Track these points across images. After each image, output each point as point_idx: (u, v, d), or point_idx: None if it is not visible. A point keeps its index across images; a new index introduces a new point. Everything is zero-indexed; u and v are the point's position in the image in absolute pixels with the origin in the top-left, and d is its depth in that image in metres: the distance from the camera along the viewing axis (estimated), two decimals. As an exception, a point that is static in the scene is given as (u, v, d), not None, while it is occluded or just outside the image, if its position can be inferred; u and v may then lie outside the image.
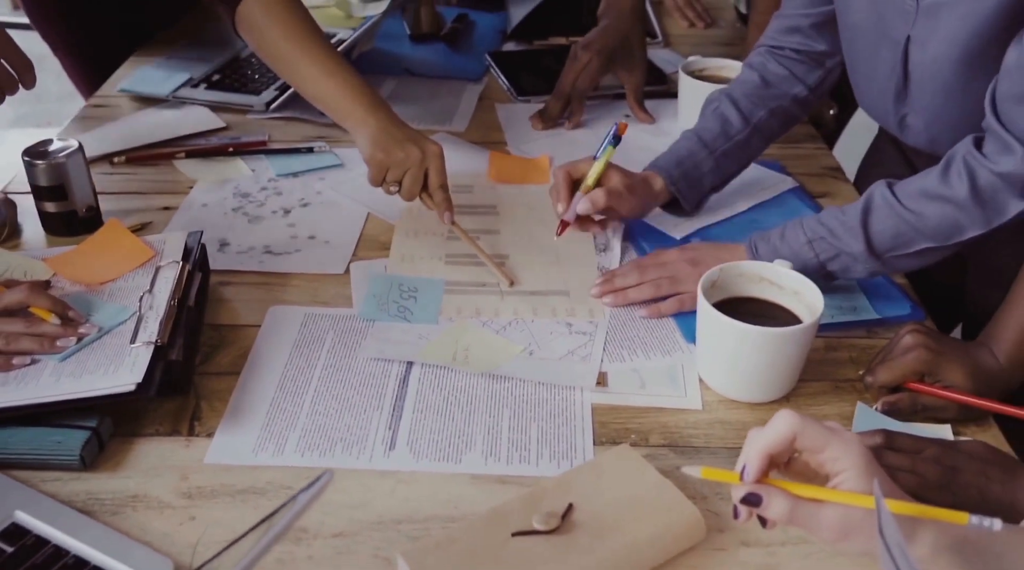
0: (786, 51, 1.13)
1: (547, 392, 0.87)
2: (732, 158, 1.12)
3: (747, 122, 1.11)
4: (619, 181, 1.06)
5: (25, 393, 0.80)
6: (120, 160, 1.25)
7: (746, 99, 1.12)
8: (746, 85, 1.14)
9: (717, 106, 1.13)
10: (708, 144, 1.11)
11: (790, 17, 1.13)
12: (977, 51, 0.90)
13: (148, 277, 0.92)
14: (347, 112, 1.10)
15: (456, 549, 0.68)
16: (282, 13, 1.13)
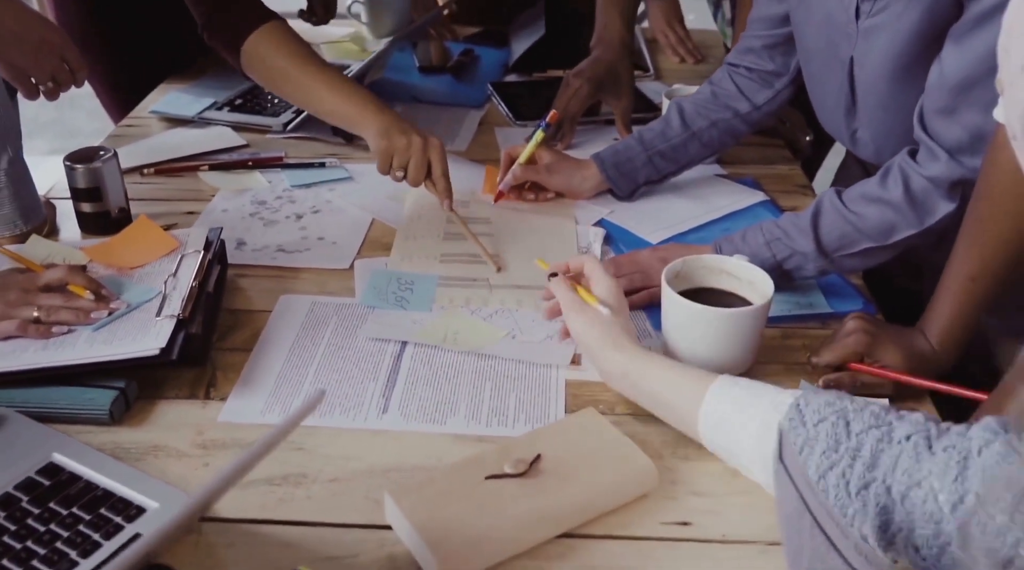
0: (740, 69, 1.26)
1: (526, 369, 0.97)
2: (667, 158, 1.28)
3: (687, 128, 1.26)
4: (548, 159, 1.28)
5: (62, 356, 0.91)
6: (149, 171, 1.37)
7: (692, 108, 1.27)
8: (697, 96, 1.28)
9: (668, 111, 1.27)
10: (645, 143, 1.28)
11: (748, 38, 1.26)
12: (905, 68, 1.01)
13: (173, 264, 1.03)
14: (356, 116, 1.23)
15: (435, 488, 0.78)
16: (284, 44, 1.26)
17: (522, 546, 0.76)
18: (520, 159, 1.29)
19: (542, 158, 1.30)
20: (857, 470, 0.65)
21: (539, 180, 1.29)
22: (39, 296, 0.96)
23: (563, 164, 1.30)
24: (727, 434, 0.78)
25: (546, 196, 1.31)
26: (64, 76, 1.31)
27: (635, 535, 0.78)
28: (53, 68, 1.29)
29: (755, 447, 0.75)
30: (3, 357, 0.91)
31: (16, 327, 0.93)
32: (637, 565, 0.75)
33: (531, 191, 1.31)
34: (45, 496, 0.78)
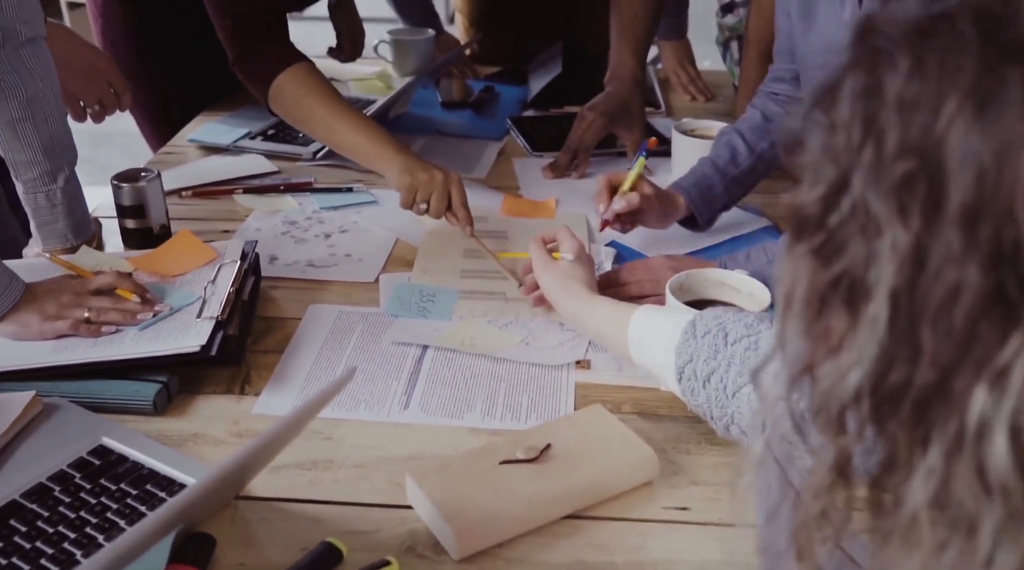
0: (780, 96, 1.33)
1: (538, 371, 1.04)
2: (740, 182, 1.32)
3: (752, 151, 1.31)
4: (650, 189, 1.28)
5: (111, 352, 0.99)
6: (187, 194, 1.46)
7: (751, 132, 1.32)
8: (750, 121, 1.33)
9: (728, 138, 1.32)
10: (720, 169, 1.31)
11: (777, 70, 1.34)
12: None
13: (212, 272, 1.11)
14: (378, 155, 1.31)
15: (453, 471, 0.85)
16: (311, 84, 1.35)
17: (532, 524, 0.82)
18: (625, 186, 1.28)
19: (643, 187, 1.28)
20: (732, 376, 0.75)
21: (646, 208, 1.26)
22: (90, 299, 1.04)
23: (663, 193, 1.30)
24: (646, 349, 0.91)
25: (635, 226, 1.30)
26: (110, 100, 1.41)
27: (637, 518, 0.84)
28: (100, 92, 1.38)
29: (666, 357, 0.87)
30: (57, 353, 0.99)
31: (69, 326, 1.01)
32: (638, 544, 0.81)
33: (627, 222, 1.28)
34: (96, 473, 0.85)
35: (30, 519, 0.80)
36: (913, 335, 0.35)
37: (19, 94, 1.11)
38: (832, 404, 0.39)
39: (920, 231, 0.34)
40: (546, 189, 1.52)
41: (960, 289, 0.33)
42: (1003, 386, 0.33)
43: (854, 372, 0.37)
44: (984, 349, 0.33)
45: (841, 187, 0.37)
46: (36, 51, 1.12)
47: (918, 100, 0.35)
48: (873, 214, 0.36)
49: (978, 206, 0.33)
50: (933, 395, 0.35)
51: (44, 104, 1.14)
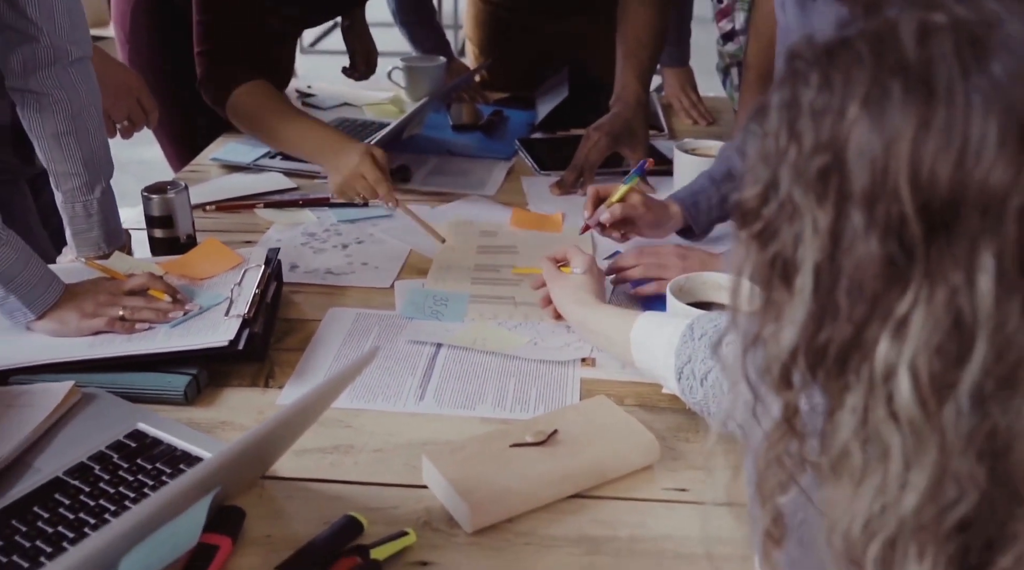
0: None
1: (545, 367, 1.10)
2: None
3: None
4: (639, 201, 1.33)
5: (144, 346, 1.05)
6: (211, 208, 1.53)
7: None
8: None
9: (726, 154, 1.39)
10: (717, 182, 1.37)
11: None
12: None
13: (238, 275, 1.18)
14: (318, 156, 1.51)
15: (466, 452, 0.90)
16: (263, 96, 1.53)
17: (540, 502, 0.87)
18: (614, 198, 1.33)
19: (633, 198, 1.33)
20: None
21: (635, 217, 1.32)
22: (125, 299, 1.10)
23: (654, 203, 1.36)
24: (648, 351, 0.97)
25: (627, 236, 1.36)
26: (138, 116, 1.49)
27: (638, 497, 0.90)
28: (130, 108, 1.46)
29: (666, 358, 0.93)
30: (94, 347, 1.06)
31: (105, 323, 1.08)
32: (639, 521, 0.87)
33: (615, 229, 1.35)
34: (132, 454, 0.91)
35: (72, 493, 0.86)
36: (832, 300, 0.42)
37: (65, 109, 1.19)
38: (775, 364, 0.46)
39: (834, 215, 0.41)
40: (553, 205, 1.59)
41: (865, 259, 0.40)
42: (903, 334, 0.39)
43: (789, 334, 0.44)
44: (886, 305, 0.40)
45: (772, 183, 0.45)
46: (83, 70, 1.20)
47: (826, 107, 0.42)
48: (797, 204, 0.43)
49: (874, 190, 0.40)
50: (851, 347, 0.42)
51: (87, 120, 1.21)
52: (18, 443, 0.91)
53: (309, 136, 1.52)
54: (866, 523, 0.41)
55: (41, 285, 1.07)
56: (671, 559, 0.83)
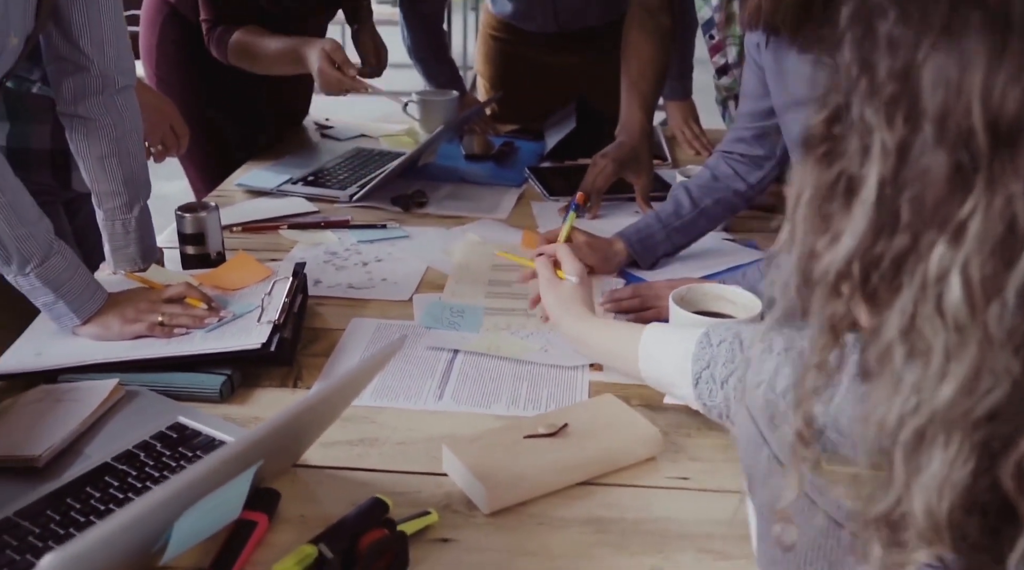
0: (734, 155, 1.49)
1: (556, 371, 1.17)
2: (682, 233, 1.48)
3: (695, 206, 1.47)
4: (582, 240, 1.44)
5: (182, 348, 1.13)
6: (237, 229, 1.62)
7: (698, 189, 1.48)
8: (700, 178, 1.50)
9: (676, 193, 1.49)
10: (663, 220, 1.47)
11: (737, 130, 1.49)
12: None
13: (268, 286, 1.26)
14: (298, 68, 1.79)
15: (483, 442, 0.98)
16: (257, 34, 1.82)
17: (552, 488, 0.94)
18: (559, 238, 1.41)
19: (577, 238, 1.45)
20: (749, 376, 0.84)
21: (580, 257, 1.35)
22: (163, 306, 1.18)
23: (597, 242, 1.46)
24: (657, 360, 1.00)
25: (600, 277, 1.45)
26: (171, 141, 1.58)
27: (643, 484, 0.97)
28: (163, 134, 1.56)
29: (678, 367, 0.96)
30: (136, 349, 1.14)
31: (146, 328, 1.16)
32: (644, 505, 0.94)
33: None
34: (174, 443, 0.98)
35: (121, 477, 0.93)
36: (894, 210, 0.46)
37: (110, 133, 1.28)
38: (830, 274, 0.50)
39: (904, 132, 0.46)
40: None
41: (930, 170, 0.45)
42: (960, 239, 0.44)
43: (848, 243, 0.48)
44: (946, 213, 0.44)
45: (842, 108, 0.50)
46: (128, 97, 1.30)
47: (902, 38, 0.47)
48: (868, 123, 0.47)
49: (946, 111, 0.44)
50: (907, 253, 0.46)
51: (129, 143, 1.31)
52: (68, 433, 0.98)
53: (285, 53, 1.80)
54: (900, 416, 0.45)
55: (87, 292, 1.15)
56: (673, 538, 0.89)
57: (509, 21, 2.21)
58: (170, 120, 1.58)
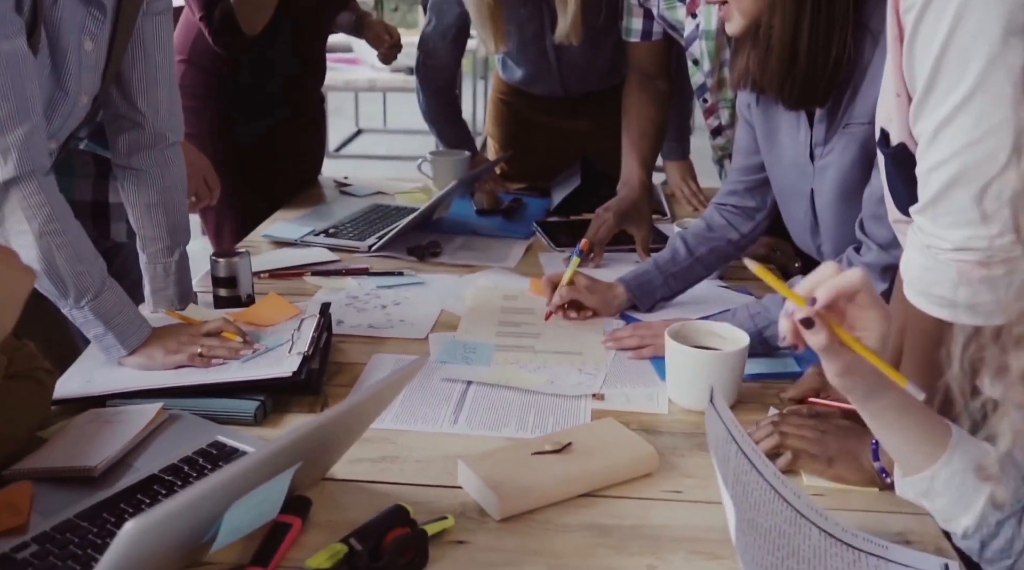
0: (728, 206, 1.61)
1: (561, 400, 1.27)
2: (678, 279, 1.59)
3: (691, 254, 1.58)
4: (584, 284, 1.55)
5: (219, 376, 1.24)
6: (265, 275, 1.74)
7: (693, 238, 1.60)
8: (696, 228, 1.62)
9: (674, 242, 1.61)
10: (660, 267, 1.59)
11: (731, 182, 1.62)
12: (851, 191, 1.36)
13: (297, 323, 1.37)
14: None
15: (496, 458, 1.08)
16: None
17: (557, 498, 1.04)
18: (563, 281, 1.55)
19: (579, 282, 1.56)
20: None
21: (580, 299, 1.54)
22: (203, 339, 1.29)
23: (598, 286, 1.58)
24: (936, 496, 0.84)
25: (585, 314, 1.56)
26: (204, 193, 1.71)
27: (640, 496, 1.06)
28: (196, 186, 1.69)
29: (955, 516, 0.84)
30: (179, 377, 1.25)
31: (187, 358, 1.27)
32: (641, 514, 1.03)
33: (572, 310, 1.56)
34: (215, 459, 1.09)
35: (168, 486, 1.03)
36: None
37: (159, 184, 1.41)
38: None
39: None
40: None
41: None
42: None
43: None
44: None
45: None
46: (176, 152, 1.44)
47: None
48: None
49: None
50: None
51: (174, 194, 1.44)
52: (120, 448, 1.09)
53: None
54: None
55: (134, 326, 1.27)
56: (666, 542, 0.99)
57: (518, 86, 2.35)
58: (204, 173, 1.71)
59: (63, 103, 1.31)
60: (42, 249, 1.19)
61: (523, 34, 2.12)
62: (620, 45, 2.06)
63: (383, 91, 5.64)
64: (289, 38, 2.07)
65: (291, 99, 2.19)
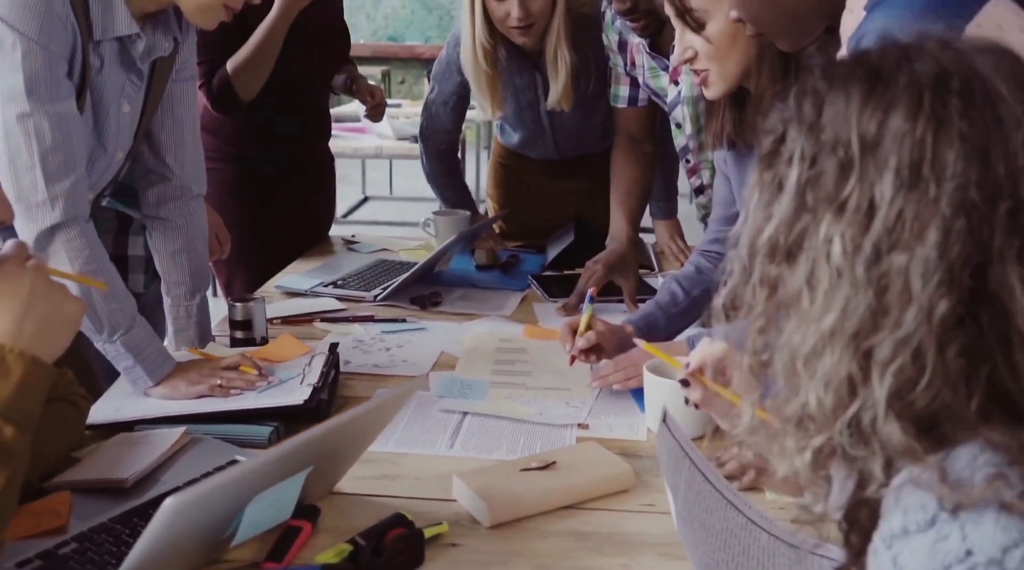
0: (711, 252, 1.74)
1: (549, 429, 1.39)
2: (680, 317, 1.70)
3: (688, 295, 1.70)
4: (604, 328, 1.64)
5: (237, 404, 1.36)
6: (277, 321, 1.86)
7: (686, 281, 1.72)
8: (686, 272, 1.74)
9: (669, 285, 1.72)
10: (662, 308, 1.69)
11: (712, 232, 1.75)
12: None
13: (308, 359, 1.50)
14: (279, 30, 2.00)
15: (487, 473, 1.19)
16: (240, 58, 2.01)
17: (542, 508, 1.15)
18: (581, 328, 1.61)
19: (598, 326, 1.62)
20: None
21: (602, 342, 1.61)
22: (222, 372, 1.42)
23: (614, 328, 1.65)
24: None
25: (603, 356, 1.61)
26: (215, 247, 1.85)
27: (617, 509, 1.18)
28: (210, 240, 1.82)
29: None
30: (200, 405, 1.37)
31: (207, 388, 1.39)
32: (616, 523, 1.14)
33: (592, 354, 1.61)
34: (233, 474, 1.20)
35: (191, 496, 1.15)
36: (803, 197, 0.68)
37: (183, 233, 1.56)
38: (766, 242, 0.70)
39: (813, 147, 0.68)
40: (559, 323, 1.91)
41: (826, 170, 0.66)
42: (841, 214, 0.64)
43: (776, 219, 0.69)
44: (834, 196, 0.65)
45: (783, 134, 0.71)
46: (199, 204, 1.58)
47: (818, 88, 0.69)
48: (792, 143, 0.69)
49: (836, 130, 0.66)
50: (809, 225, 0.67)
51: (197, 242, 1.58)
52: (148, 463, 1.21)
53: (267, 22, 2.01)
54: (803, 336, 0.66)
55: (160, 359, 1.40)
56: (639, 546, 1.10)
57: (515, 150, 2.51)
58: (215, 229, 1.86)
59: (102, 158, 1.46)
60: (81, 287, 1.32)
61: (519, 101, 2.29)
62: (610, 111, 2.22)
63: (389, 158, 5.83)
64: (288, 98, 2.22)
65: (295, 157, 2.33)
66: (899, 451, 0.62)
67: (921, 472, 0.61)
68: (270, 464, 0.93)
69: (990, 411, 0.62)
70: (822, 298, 0.66)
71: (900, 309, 0.62)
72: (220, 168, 2.22)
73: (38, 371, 0.92)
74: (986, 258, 0.62)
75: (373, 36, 8.31)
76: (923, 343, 0.62)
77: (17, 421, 0.89)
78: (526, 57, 2.19)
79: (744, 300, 0.75)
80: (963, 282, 0.62)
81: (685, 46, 1.46)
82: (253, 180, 2.26)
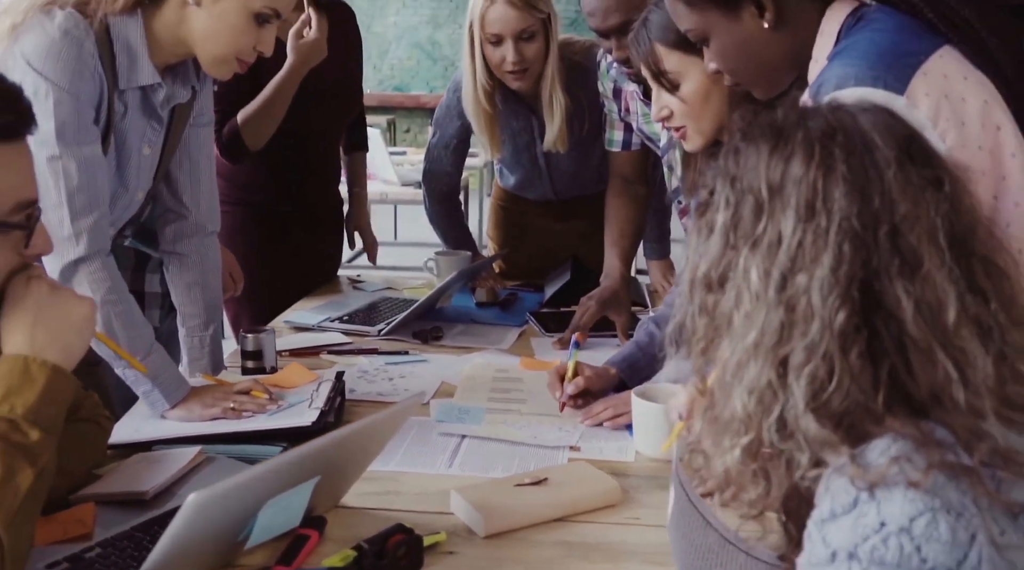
0: None
1: (542, 451, 1.47)
2: (659, 360, 1.77)
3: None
4: (591, 373, 1.71)
5: (248, 426, 1.45)
6: (286, 353, 1.95)
7: (663, 320, 1.80)
8: (662, 312, 1.83)
9: (646, 326, 1.79)
10: (643, 348, 1.75)
11: None
12: None
13: (316, 385, 1.59)
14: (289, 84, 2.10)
15: (484, 489, 1.28)
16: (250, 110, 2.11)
17: (534, 520, 1.23)
18: (568, 376, 1.68)
19: (584, 370, 1.70)
20: None
21: (589, 387, 1.67)
22: (234, 396, 1.51)
23: (600, 371, 1.73)
24: None
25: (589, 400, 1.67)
26: (229, 285, 1.95)
27: (604, 521, 1.25)
28: (223, 277, 1.92)
29: None
30: (214, 426, 1.46)
31: (221, 411, 1.48)
32: (603, 533, 1.22)
33: (580, 398, 1.67)
34: (245, 488, 1.28)
35: (206, 508, 1.23)
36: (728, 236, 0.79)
37: (199, 267, 1.66)
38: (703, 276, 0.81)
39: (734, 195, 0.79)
40: (554, 356, 2.00)
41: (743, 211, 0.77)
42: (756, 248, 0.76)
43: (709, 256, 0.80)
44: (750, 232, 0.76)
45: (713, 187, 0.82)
46: (213, 240, 1.69)
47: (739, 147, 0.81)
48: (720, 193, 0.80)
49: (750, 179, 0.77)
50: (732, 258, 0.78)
51: (211, 276, 1.68)
52: (166, 479, 1.29)
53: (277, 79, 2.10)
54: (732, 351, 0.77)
55: (176, 383, 1.49)
56: (624, 554, 1.18)
57: (514, 192, 2.62)
58: (229, 268, 1.95)
59: (123, 197, 1.56)
60: (103, 316, 1.42)
61: (516, 143, 2.40)
62: (605, 155, 2.33)
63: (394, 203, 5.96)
64: (298, 149, 2.33)
65: (306, 201, 2.43)
66: (819, 443, 0.73)
67: (842, 462, 0.71)
68: (282, 468, 1.01)
69: (895, 405, 0.73)
70: (744, 319, 0.77)
71: (806, 322, 0.73)
72: (231, 211, 2.32)
73: (60, 379, 1.02)
74: (872, 274, 0.73)
75: (379, 86, 8.52)
76: (829, 348, 0.72)
77: (42, 425, 0.98)
78: (522, 101, 2.31)
79: (687, 328, 0.86)
80: (855, 296, 0.73)
81: (661, 105, 1.57)
82: (264, 222, 2.37)
